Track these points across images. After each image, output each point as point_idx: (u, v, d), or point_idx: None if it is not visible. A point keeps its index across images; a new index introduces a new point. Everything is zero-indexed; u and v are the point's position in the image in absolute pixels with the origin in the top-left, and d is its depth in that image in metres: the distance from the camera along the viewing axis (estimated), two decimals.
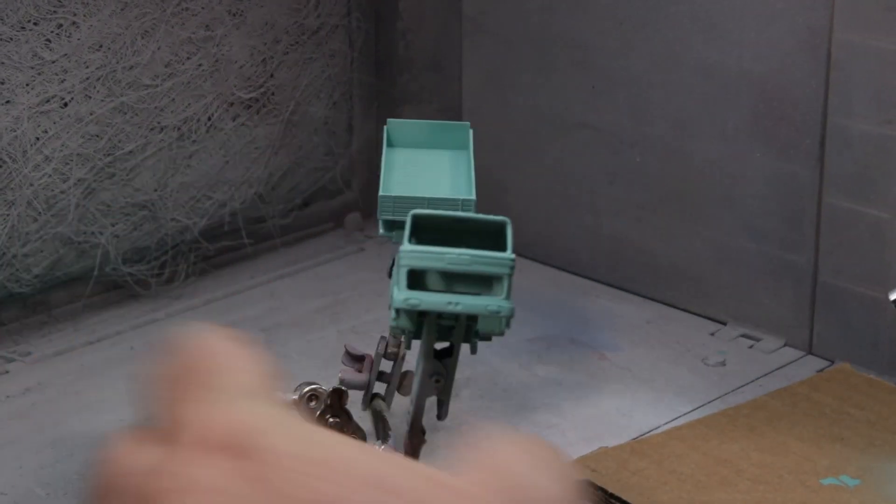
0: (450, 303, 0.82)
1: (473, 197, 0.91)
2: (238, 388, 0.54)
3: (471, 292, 0.84)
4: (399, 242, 0.88)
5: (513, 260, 0.84)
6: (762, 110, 1.16)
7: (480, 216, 0.88)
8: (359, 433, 0.95)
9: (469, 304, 0.83)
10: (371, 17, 1.42)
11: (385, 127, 1.01)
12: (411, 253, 0.83)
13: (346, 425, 0.94)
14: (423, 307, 0.83)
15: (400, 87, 1.43)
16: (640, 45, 1.22)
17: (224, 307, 1.27)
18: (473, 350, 0.90)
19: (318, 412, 0.92)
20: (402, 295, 0.83)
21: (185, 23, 1.26)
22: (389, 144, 1.00)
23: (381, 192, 0.92)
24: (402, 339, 0.94)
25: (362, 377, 1.00)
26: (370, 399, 1.00)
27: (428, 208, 0.90)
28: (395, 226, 0.91)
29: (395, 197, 0.91)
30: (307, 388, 0.92)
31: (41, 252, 1.22)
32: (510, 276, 0.84)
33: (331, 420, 0.93)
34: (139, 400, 0.56)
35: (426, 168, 0.98)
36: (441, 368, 0.89)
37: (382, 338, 0.99)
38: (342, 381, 0.99)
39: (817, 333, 1.17)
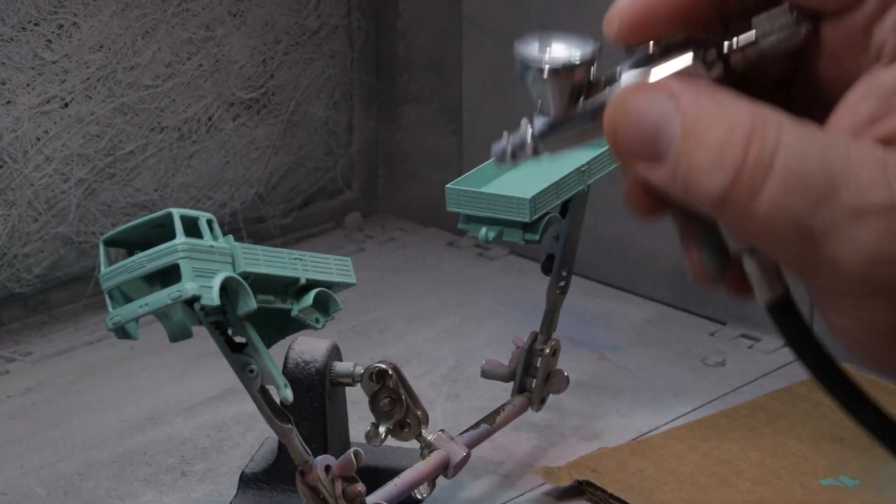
0: (140, 305, 0.81)
1: (527, 197, 0.90)
2: None
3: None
4: (475, 237, 0.91)
5: (184, 243, 0.80)
6: None
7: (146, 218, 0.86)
8: (415, 416, 0.93)
9: (155, 301, 0.80)
10: (371, 17, 1.42)
11: None
12: (103, 276, 0.83)
13: (397, 405, 0.91)
14: (121, 320, 0.82)
15: (400, 87, 1.43)
16: None
17: None
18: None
19: (375, 391, 0.91)
20: (108, 319, 0.82)
21: (185, 23, 1.26)
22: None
23: (447, 185, 0.92)
24: (538, 337, 0.99)
25: (504, 369, 1.01)
26: (518, 391, 1.01)
27: (488, 204, 0.90)
28: (472, 219, 0.92)
29: (459, 190, 0.91)
30: (370, 367, 0.91)
31: (42, 252, 1.22)
32: (187, 258, 0.82)
33: (385, 400, 0.92)
34: None
35: (560, 166, 0.98)
36: (248, 360, 0.86)
37: (533, 333, 1.01)
38: (483, 372, 1.01)
39: (816, 333, 1.17)
